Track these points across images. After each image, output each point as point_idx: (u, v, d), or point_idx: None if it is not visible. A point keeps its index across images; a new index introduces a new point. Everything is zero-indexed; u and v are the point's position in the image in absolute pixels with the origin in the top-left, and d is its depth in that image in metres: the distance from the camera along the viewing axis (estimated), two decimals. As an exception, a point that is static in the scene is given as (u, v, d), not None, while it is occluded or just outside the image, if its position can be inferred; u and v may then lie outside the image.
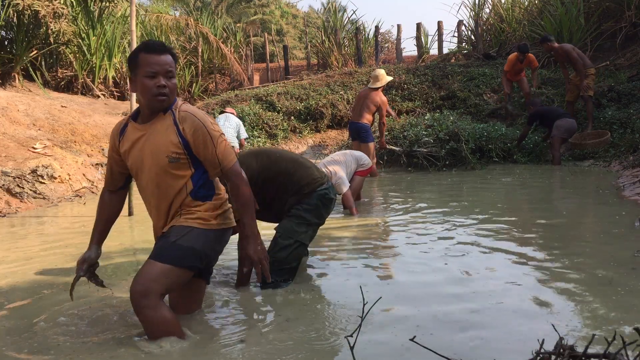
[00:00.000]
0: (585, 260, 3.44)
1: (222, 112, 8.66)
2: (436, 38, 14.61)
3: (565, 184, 6.51)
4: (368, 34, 15.76)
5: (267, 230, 3.15)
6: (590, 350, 1.46)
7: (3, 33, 11.48)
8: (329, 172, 4.90)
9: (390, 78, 7.46)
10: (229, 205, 2.48)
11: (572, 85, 8.66)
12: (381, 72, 7.23)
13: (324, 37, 15.53)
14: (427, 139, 8.18)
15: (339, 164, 5.26)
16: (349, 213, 5.19)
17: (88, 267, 2.44)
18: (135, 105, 5.54)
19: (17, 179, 6.29)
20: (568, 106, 8.74)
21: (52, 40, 11.81)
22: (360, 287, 2.12)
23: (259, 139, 9.87)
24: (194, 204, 2.34)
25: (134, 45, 5.25)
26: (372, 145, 7.29)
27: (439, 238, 4.08)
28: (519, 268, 3.25)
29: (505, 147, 8.46)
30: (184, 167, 2.32)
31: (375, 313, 2.45)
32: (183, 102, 2.39)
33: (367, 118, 7.16)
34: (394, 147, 8.38)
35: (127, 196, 5.22)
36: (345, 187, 5.10)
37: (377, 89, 7.14)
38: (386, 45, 17.32)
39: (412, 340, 1.62)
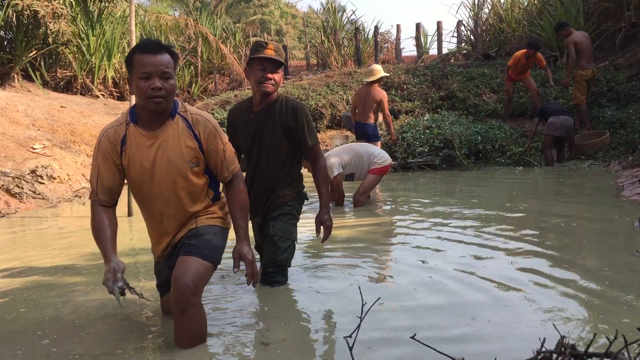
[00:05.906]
0: (585, 260, 3.44)
1: None
2: (435, 38, 14.62)
3: (564, 184, 6.50)
4: (367, 34, 15.75)
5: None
6: (591, 350, 1.45)
7: (2, 33, 11.45)
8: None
9: (386, 74, 7.44)
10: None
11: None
12: (377, 66, 7.26)
13: (323, 38, 15.52)
14: (421, 148, 8.14)
15: (344, 151, 5.37)
16: (346, 213, 5.19)
17: (122, 274, 2.07)
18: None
19: (16, 179, 6.28)
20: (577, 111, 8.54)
21: (51, 41, 11.79)
22: (359, 287, 2.11)
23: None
24: (210, 205, 2.41)
25: (134, 45, 5.28)
26: (379, 144, 7.29)
27: (438, 238, 4.08)
28: (519, 268, 3.25)
29: (503, 149, 8.37)
30: (201, 172, 2.34)
31: (375, 313, 2.44)
32: (185, 104, 2.37)
33: (372, 118, 7.18)
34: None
35: (127, 197, 5.25)
36: (336, 171, 5.27)
37: (373, 82, 7.11)
38: (385, 45, 17.28)
39: (412, 338, 1.61)
